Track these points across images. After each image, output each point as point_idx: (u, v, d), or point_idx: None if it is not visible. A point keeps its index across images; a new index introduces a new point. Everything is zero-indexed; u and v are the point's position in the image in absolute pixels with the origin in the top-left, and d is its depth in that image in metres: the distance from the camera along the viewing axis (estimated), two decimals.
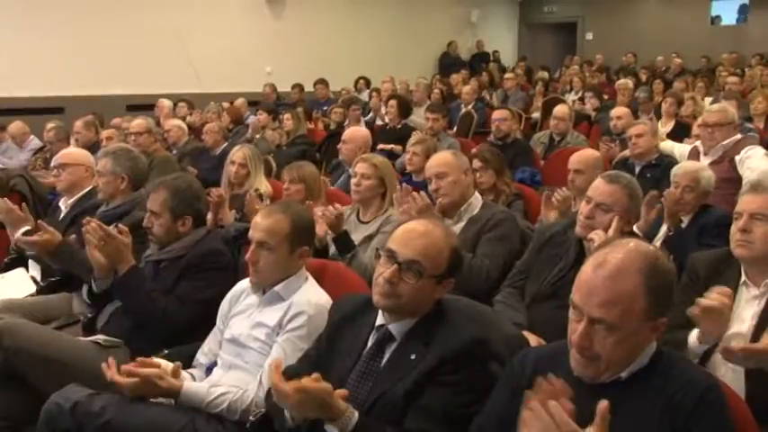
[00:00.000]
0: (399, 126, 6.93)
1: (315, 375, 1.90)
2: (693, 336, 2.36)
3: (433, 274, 2.04)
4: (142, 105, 9.06)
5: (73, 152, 4.26)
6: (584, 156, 4.17)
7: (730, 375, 2.34)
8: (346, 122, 7.70)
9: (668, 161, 4.95)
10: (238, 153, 4.56)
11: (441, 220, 2.97)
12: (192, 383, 2.47)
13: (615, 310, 1.62)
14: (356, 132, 5.17)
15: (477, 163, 4.24)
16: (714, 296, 2.26)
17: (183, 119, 8.19)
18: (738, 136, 4.77)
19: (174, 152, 6.64)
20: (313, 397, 1.86)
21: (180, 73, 10.56)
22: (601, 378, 1.69)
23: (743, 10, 15.21)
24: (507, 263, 3.24)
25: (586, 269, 1.70)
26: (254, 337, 2.51)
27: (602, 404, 1.46)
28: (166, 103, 8.95)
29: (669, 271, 1.70)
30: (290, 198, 3.93)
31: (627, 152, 5.10)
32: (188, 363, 2.70)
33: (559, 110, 6.42)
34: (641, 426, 1.63)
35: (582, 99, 9.25)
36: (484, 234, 3.31)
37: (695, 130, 5.55)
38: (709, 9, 15.51)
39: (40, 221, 3.40)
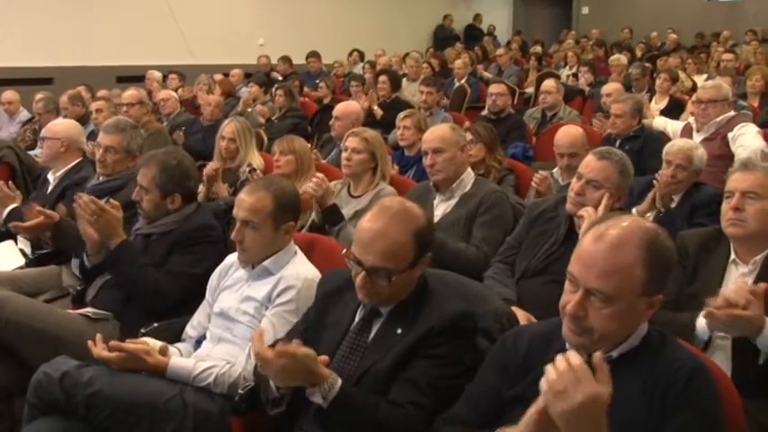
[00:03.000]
0: (389, 101, 6.89)
1: (295, 341, 1.90)
2: (702, 321, 2.35)
3: (402, 269, 2.02)
4: (133, 77, 8.97)
5: (52, 125, 4.20)
6: (574, 136, 4.11)
7: (718, 353, 2.38)
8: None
9: (648, 132, 5.00)
10: (228, 128, 4.53)
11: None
12: (179, 359, 2.48)
13: (613, 281, 1.63)
14: (349, 107, 5.12)
15: (468, 136, 4.22)
16: (740, 292, 2.23)
17: (175, 91, 8.13)
18: (732, 113, 4.76)
19: (165, 123, 6.60)
20: (296, 361, 1.86)
21: (171, 44, 10.46)
22: (592, 349, 1.68)
23: None
24: (502, 243, 3.24)
25: (586, 241, 1.70)
26: (243, 311, 2.51)
27: (597, 356, 1.48)
28: (156, 74, 8.88)
29: (669, 248, 1.70)
30: (280, 170, 3.92)
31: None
32: (177, 336, 2.71)
33: (547, 83, 6.37)
34: (630, 405, 1.63)
35: (576, 74, 9.20)
36: (479, 216, 3.29)
37: (689, 107, 5.55)
38: None
39: (33, 205, 3.38)
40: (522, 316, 2.58)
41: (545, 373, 1.48)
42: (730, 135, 4.53)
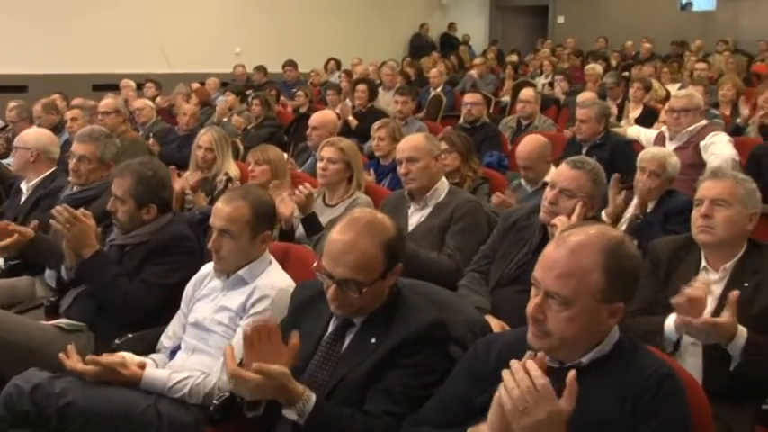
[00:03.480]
0: (366, 110, 6.91)
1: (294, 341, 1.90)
2: (670, 322, 2.40)
3: (373, 280, 2.03)
4: (108, 85, 8.91)
5: (24, 135, 4.15)
6: (529, 151, 4.09)
7: (690, 359, 2.43)
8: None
9: (615, 140, 5.01)
10: (204, 137, 4.52)
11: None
12: (153, 370, 2.46)
13: (570, 284, 1.65)
14: (325, 117, 5.12)
15: (442, 145, 4.23)
16: (698, 285, 2.28)
17: (152, 99, 8.09)
18: (704, 122, 4.82)
19: (141, 132, 6.56)
20: (271, 379, 1.86)
21: (147, 52, 10.41)
22: (555, 354, 1.71)
23: None
24: (476, 251, 3.25)
25: (550, 246, 1.73)
26: (218, 321, 2.51)
27: (570, 375, 1.51)
28: (131, 83, 8.80)
29: (632, 257, 1.71)
30: (255, 180, 3.92)
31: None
32: (152, 347, 2.69)
33: (525, 93, 6.41)
34: (600, 412, 1.65)
35: (551, 83, 9.28)
36: (453, 225, 3.31)
37: (662, 116, 5.61)
38: None
39: (5, 224, 3.35)
40: (495, 324, 2.60)
41: (504, 382, 1.52)
42: (702, 144, 4.58)
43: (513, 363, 1.55)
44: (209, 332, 2.52)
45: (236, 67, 10.67)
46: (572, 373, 1.52)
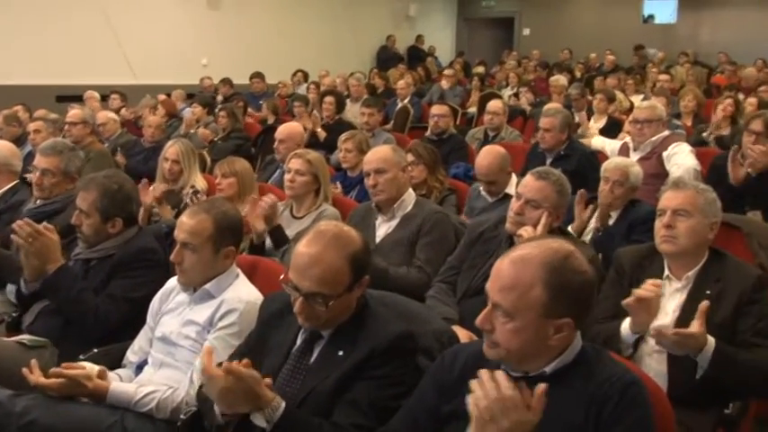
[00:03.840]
0: (333, 122, 6.92)
1: (245, 361, 1.90)
2: (626, 325, 2.44)
3: (339, 293, 2.03)
4: (72, 96, 8.77)
5: None
6: (490, 163, 4.09)
7: (654, 366, 2.46)
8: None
9: (581, 151, 5.04)
10: (171, 149, 4.48)
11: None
12: (120, 384, 2.44)
13: (511, 296, 1.66)
14: (291, 129, 5.09)
15: (409, 157, 4.26)
16: (647, 287, 2.34)
17: (117, 111, 8.00)
18: (666, 133, 4.89)
19: (107, 144, 6.49)
20: (241, 381, 1.85)
21: (113, 63, 10.30)
22: (508, 363, 1.73)
23: (674, 9, 15.64)
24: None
25: (499, 259, 1.75)
26: (185, 335, 2.49)
27: (540, 387, 1.53)
28: (95, 94, 8.68)
29: (578, 272, 1.70)
30: (222, 192, 3.90)
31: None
32: (117, 362, 2.66)
33: (493, 104, 6.44)
34: (565, 420, 1.67)
35: (517, 95, 9.37)
36: (422, 237, 3.33)
37: (626, 126, 5.69)
38: (642, 8, 15.91)
39: None
40: (463, 335, 2.61)
41: (472, 392, 1.54)
42: (665, 154, 4.64)
43: (482, 372, 1.56)
44: (176, 346, 2.49)
45: (204, 79, 10.62)
46: (542, 386, 1.54)
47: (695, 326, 2.27)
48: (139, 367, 2.61)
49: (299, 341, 2.14)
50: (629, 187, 3.72)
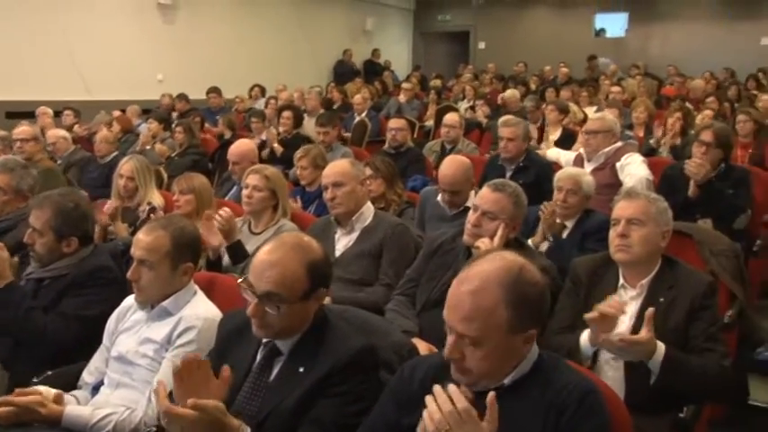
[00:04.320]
0: (291, 136, 6.91)
1: (225, 367, 1.87)
2: (585, 338, 2.47)
3: (294, 298, 2.02)
4: (23, 113, 8.62)
5: None
6: (455, 174, 4.00)
7: (612, 374, 2.50)
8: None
9: (539, 163, 5.09)
10: (126, 166, 4.43)
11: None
12: (75, 407, 2.39)
13: (475, 325, 1.66)
14: (243, 149, 4.98)
15: (367, 171, 4.27)
16: (613, 304, 2.35)
17: (70, 128, 7.87)
18: (619, 143, 4.97)
19: (59, 162, 6.38)
20: (207, 415, 1.80)
21: (66, 78, 10.09)
22: (480, 385, 1.73)
23: (624, 23, 16.00)
24: None
25: (453, 286, 1.73)
26: (142, 354, 2.45)
27: (490, 396, 1.55)
28: (48, 110, 8.50)
29: (534, 282, 1.72)
30: (180, 209, 3.86)
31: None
32: (73, 384, 2.61)
33: (449, 117, 6.47)
34: (525, 430, 1.69)
35: (473, 107, 9.46)
36: (387, 251, 3.35)
37: (580, 138, 5.78)
38: (594, 22, 16.23)
39: None
40: (423, 347, 2.62)
41: (426, 405, 1.54)
42: (618, 164, 4.71)
43: (436, 387, 1.57)
44: (134, 365, 2.46)
45: (164, 96, 10.45)
46: (491, 395, 1.56)
47: (642, 332, 2.31)
48: (95, 388, 2.56)
49: (258, 358, 2.12)
50: (582, 196, 3.77)
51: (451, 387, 1.56)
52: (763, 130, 6.46)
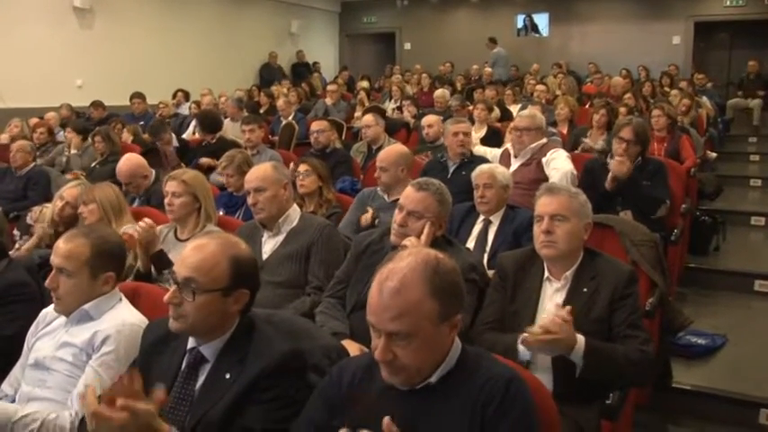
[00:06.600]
0: (214, 141, 6.81)
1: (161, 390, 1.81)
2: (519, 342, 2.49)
3: (211, 288, 2.00)
4: None
5: None
6: (388, 152, 4.29)
7: (541, 364, 2.57)
8: None
9: (480, 159, 5.11)
10: (68, 192, 4.16)
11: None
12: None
13: (407, 320, 1.67)
14: (130, 165, 4.83)
15: (303, 167, 4.33)
16: (553, 320, 2.40)
17: None
18: (544, 140, 5.06)
19: None
20: (136, 418, 1.72)
21: None
22: (413, 382, 1.74)
23: (546, 23, 16.35)
24: None
25: (373, 289, 1.73)
26: (60, 359, 2.39)
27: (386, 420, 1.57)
28: None
29: (451, 271, 1.76)
30: (86, 220, 3.74)
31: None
32: None
33: (365, 118, 6.50)
34: (453, 426, 1.70)
35: (400, 107, 9.51)
36: (315, 253, 3.33)
37: (508, 135, 5.85)
38: (515, 22, 16.52)
39: None
40: (354, 348, 2.61)
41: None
42: (544, 160, 4.79)
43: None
44: (50, 371, 2.39)
45: (60, 108, 9.90)
46: (386, 420, 1.58)
47: (563, 329, 2.37)
48: (14, 401, 2.45)
49: (183, 365, 2.08)
50: (499, 186, 3.83)
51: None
52: (677, 125, 6.70)
